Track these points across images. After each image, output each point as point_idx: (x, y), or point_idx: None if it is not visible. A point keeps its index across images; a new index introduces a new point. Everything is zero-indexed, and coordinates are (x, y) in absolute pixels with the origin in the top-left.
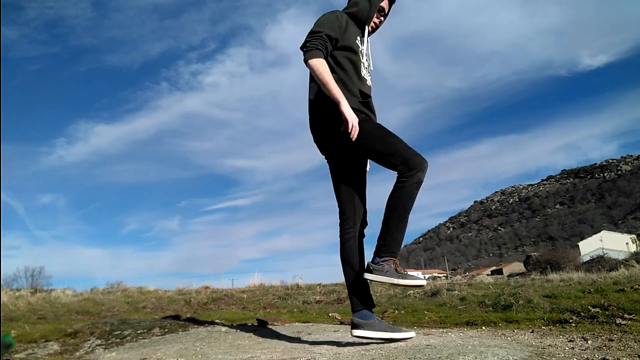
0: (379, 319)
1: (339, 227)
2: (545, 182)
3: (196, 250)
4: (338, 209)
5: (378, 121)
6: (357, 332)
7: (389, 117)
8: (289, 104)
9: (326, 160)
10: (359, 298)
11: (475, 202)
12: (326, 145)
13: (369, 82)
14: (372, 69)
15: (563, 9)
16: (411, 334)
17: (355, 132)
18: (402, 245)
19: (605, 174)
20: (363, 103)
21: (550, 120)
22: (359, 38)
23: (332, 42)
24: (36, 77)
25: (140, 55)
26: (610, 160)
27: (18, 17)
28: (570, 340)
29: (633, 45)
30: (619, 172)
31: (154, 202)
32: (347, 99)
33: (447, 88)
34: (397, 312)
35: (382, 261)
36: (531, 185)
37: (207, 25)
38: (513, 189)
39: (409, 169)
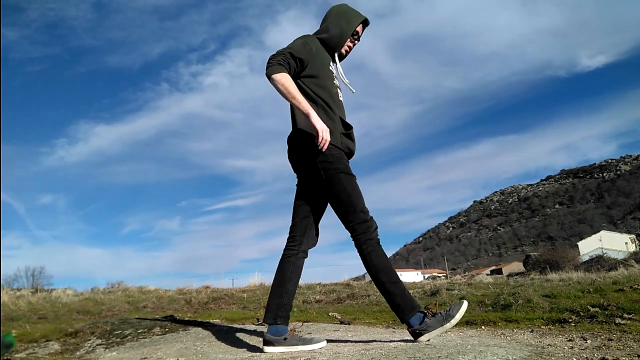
0: (292, 332)
1: (286, 241)
2: (544, 182)
3: (196, 250)
4: (290, 224)
5: (377, 124)
6: (268, 349)
7: (389, 117)
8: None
9: (296, 177)
10: (272, 311)
11: (474, 202)
12: (301, 170)
13: (343, 107)
14: (353, 90)
15: (562, 9)
16: (322, 344)
17: (325, 143)
18: (402, 245)
19: (605, 174)
20: (346, 135)
21: (549, 121)
22: (331, 64)
23: (296, 61)
24: (37, 78)
25: (141, 56)
26: (610, 161)
27: (19, 18)
28: (570, 340)
29: (632, 45)
30: (618, 172)
31: (154, 202)
32: (331, 130)
33: (446, 89)
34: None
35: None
36: (530, 185)
37: (207, 27)
38: (512, 189)
39: (365, 228)
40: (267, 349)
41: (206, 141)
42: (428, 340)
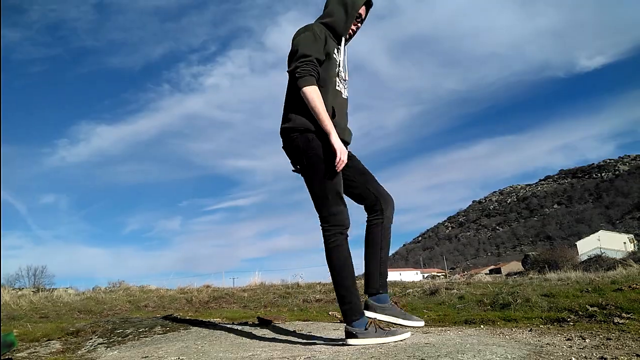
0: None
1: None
2: (543, 182)
3: (197, 249)
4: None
5: (377, 124)
6: (352, 342)
7: (388, 118)
8: None
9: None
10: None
11: (473, 201)
12: (295, 159)
13: (344, 95)
14: (346, 79)
15: (560, 11)
16: (406, 334)
17: (341, 165)
18: (402, 244)
19: (603, 174)
20: (336, 125)
21: (548, 121)
22: (336, 50)
23: (320, 65)
24: (38, 79)
25: (142, 57)
26: (608, 161)
27: (20, 19)
28: (568, 339)
29: (630, 46)
30: (617, 172)
31: (155, 202)
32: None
33: (445, 90)
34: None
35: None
36: (529, 185)
37: (208, 28)
38: (511, 188)
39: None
40: (351, 341)
41: (207, 141)
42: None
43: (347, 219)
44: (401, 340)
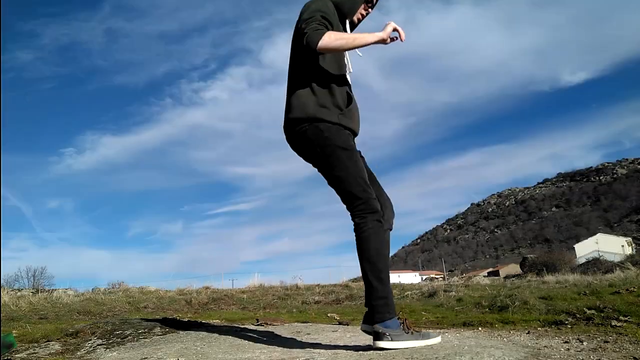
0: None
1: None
2: (541, 185)
3: (199, 252)
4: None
5: (372, 135)
6: (383, 344)
7: (383, 129)
8: None
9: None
10: (391, 299)
11: (472, 204)
12: (303, 153)
13: (352, 89)
14: (351, 70)
15: (542, 30)
16: (438, 338)
17: (403, 35)
18: (400, 247)
19: (601, 177)
20: (343, 114)
21: (536, 132)
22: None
23: (329, 22)
24: (48, 94)
25: (146, 75)
26: (606, 164)
27: (32, 42)
28: (566, 342)
29: (610, 63)
30: (615, 176)
31: (158, 207)
32: (328, 110)
33: (437, 102)
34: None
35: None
36: (527, 188)
37: (208, 48)
38: (509, 191)
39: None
40: (382, 344)
41: (208, 150)
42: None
43: (379, 205)
44: (433, 345)
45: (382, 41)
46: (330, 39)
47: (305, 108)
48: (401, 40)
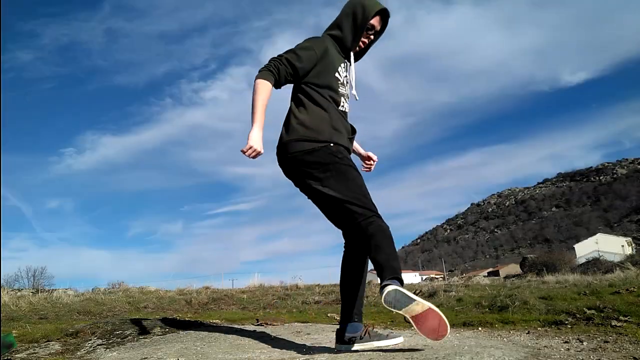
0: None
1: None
2: (541, 185)
3: (199, 252)
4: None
5: (372, 135)
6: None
7: (383, 128)
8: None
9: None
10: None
11: (472, 204)
12: (294, 179)
13: (346, 110)
14: (357, 98)
15: (542, 30)
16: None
17: (252, 152)
18: (400, 247)
19: (601, 177)
20: (337, 133)
21: (535, 132)
22: (342, 65)
23: (291, 68)
24: (48, 94)
25: (146, 75)
26: (606, 164)
27: (33, 42)
28: (566, 342)
29: (610, 63)
30: (615, 176)
31: (158, 207)
32: (338, 136)
33: (437, 102)
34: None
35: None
36: (527, 188)
37: (208, 48)
38: (509, 191)
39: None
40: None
41: (208, 150)
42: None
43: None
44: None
45: (248, 140)
46: (257, 87)
47: (297, 132)
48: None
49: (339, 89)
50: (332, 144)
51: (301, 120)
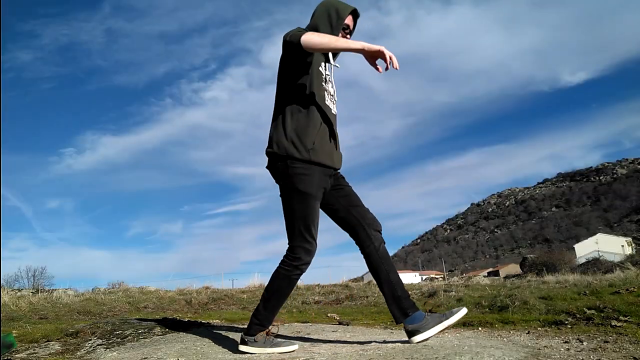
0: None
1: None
2: (541, 185)
3: (199, 252)
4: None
5: (371, 135)
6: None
7: (383, 129)
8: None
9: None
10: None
11: (472, 204)
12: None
13: (333, 110)
14: (335, 99)
15: (542, 30)
16: (293, 347)
17: (394, 59)
18: (400, 247)
19: (601, 177)
20: (316, 149)
21: (535, 132)
22: (323, 64)
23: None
24: (48, 94)
25: (146, 75)
26: (606, 164)
27: (32, 42)
28: (566, 342)
29: (610, 63)
30: (615, 176)
31: (158, 207)
32: (296, 146)
33: (436, 102)
34: None
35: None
36: (527, 188)
37: (208, 48)
38: (509, 191)
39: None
40: (243, 347)
41: (208, 150)
42: (424, 340)
43: (311, 257)
44: (288, 352)
45: (363, 52)
46: (313, 35)
47: (278, 143)
48: (394, 67)
49: (323, 84)
50: (289, 159)
51: (277, 132)
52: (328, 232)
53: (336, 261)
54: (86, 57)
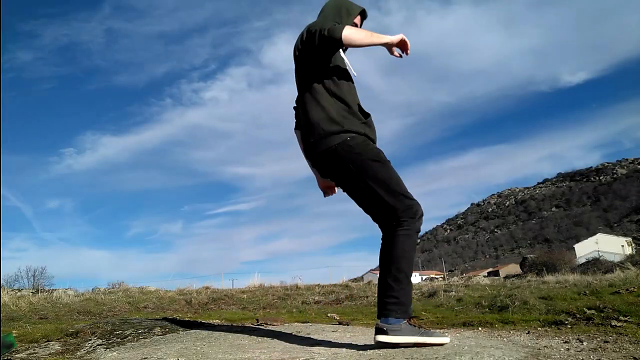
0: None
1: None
2: (541, 185)
3: (199, 252)
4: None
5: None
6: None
7: (383, 128)
8: (286, 117)
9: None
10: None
11: (472, 204)
12: (326, 167)
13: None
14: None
15: (542, 30)
16: (445, 339)
17: (408, 46)
18: None
19: (601, 177)
20: (366, 123)
21: (535, 132)
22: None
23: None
24: (48, 94)
25: (146, 75)
26: (606, 164)
27: (33, 42)
28: (566, 342)
29: (610, 63)
30: (615, 176)
31: (158, 207)
32: (350, 120)
33: (436, 102)
34: None
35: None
36: (527, 188)
37: (208, 48)
38: (509, 191)
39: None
40: (380, 337)
41: (208, 150)
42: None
43: (422, 209)
44: (439, 344)
45: (390, 46)
46: (352, 30)
47: (330, 123)
48: (406, 54)
49: (351, 72)
50: (347, 135)
51: (316, 117)
52: (328, 232)
53: (336, 261)
54: (86, 57)
